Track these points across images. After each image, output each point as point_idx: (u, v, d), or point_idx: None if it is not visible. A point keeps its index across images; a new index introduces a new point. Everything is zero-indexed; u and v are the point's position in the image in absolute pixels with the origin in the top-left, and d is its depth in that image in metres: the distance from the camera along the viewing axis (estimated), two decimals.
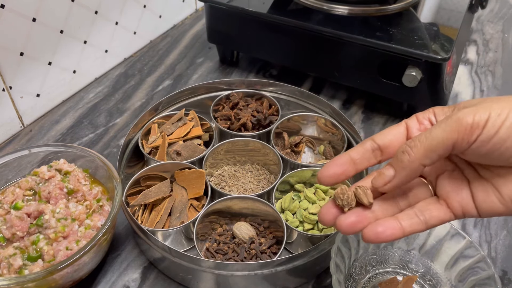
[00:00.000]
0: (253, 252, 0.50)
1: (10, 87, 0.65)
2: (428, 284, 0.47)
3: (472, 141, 0.30)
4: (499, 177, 0.33)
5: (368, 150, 0.36)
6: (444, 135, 0.30)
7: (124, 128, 0.70)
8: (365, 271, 0.49)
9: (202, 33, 0.92)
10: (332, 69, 0.70)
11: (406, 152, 0.32)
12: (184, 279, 0.49)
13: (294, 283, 0.49)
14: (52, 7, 0.66)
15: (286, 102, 0.68)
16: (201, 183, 0.54)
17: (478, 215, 0.34)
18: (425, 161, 0.32)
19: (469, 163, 0.35)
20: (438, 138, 0.31)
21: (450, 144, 0.31)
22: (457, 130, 0.30)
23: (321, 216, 0.36)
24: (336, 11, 0.68)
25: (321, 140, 0.65)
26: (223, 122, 0.64)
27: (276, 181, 0.55)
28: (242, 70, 0.83)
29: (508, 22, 0.97)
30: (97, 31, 0.76)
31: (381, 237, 0.33)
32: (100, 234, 0.44)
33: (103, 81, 0.79)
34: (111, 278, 0.50)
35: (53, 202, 0.48)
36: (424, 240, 0.48)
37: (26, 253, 0.44)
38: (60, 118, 0.72)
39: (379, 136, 0.36)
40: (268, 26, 0.70)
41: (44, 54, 0.68)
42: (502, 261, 0.52)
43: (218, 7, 0.73)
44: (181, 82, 0.80)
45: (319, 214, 0.36)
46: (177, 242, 0.52)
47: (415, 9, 0.71)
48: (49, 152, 0.54)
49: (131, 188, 0.54)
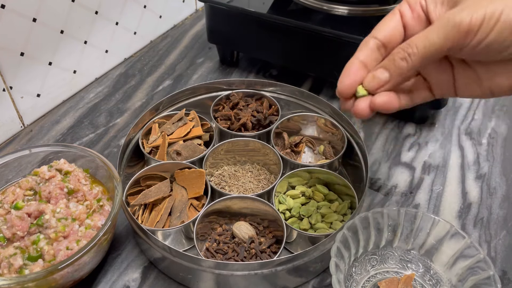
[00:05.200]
0: (253, 251, 0.50)
1: (10, 87, 0.65)
2: (428, 284, 0.47)
3: (466, 44, 0.31)
4: (482, 67, 0.35)
5: (374, 49, 0.37)
6: (441, 42, 0.31)
7: (124, 128, 0.70)
8: (365, 271, 0.49)
9: (202, 33, 0.92)
10: (332, 69, 0.70)
11: (405, 59, 0.33)
12: (184, 278, 0.49)
13: (294, 282, 0.49)
14: (52, 7, 0.66)
15: (286, 102, 0.68)
16: (201, 182, 0.54)
17: (455, 95, 0.37)
18: (421, 66, 0.33)
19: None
20: (435, 45, 0.32)
21: (446, 50, 0.32)
22: (453, 36, 0.31)
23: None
24: (336, 11, 0.68)
25: (321, 140, 0.65)
26: (223, 122, 0.64)
27: (276, 181, 0.55)
28: (242, 70, 0.83)
29: None
30: (98, 31, 0.76)
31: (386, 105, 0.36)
32: (101, 234, 0.44)
33: (103, 81, 0.79)
34: (112, 278, 0.50)
35: (53, 202, 0.48)
36: (424, 240, 0.48)
37: (27, 253, 0.44)
38: (60, 118, 0.72)
39: (379, 32, 0.37)
40: (268, 26, 0.70)
41: (45, 54, 0.68)
42: (502, 261, 0.52)
43: (218, 7, 0.73)
44: (181, 82, 0.80)
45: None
46: (177, 241, 0.52)
47: None
48: (49, 152, 0.54)
49: (131, 188, 0.54)
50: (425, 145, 0.67)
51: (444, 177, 0.62)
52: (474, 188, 0.61)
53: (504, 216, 0.57)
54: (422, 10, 0.36)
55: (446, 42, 0.31)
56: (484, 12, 0.30)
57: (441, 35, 0.31)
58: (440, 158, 0.65)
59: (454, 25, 0.31)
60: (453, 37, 0.31)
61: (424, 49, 0.32)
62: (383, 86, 0.35)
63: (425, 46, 0.32)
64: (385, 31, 0.37)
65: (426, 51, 0.32)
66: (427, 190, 0.60)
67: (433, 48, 0.32)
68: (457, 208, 0.58)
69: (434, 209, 0.58)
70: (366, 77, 0.36)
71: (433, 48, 0.32)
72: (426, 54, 0.32)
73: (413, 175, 0.63)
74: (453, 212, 0.58)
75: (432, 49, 0.32)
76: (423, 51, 0.32)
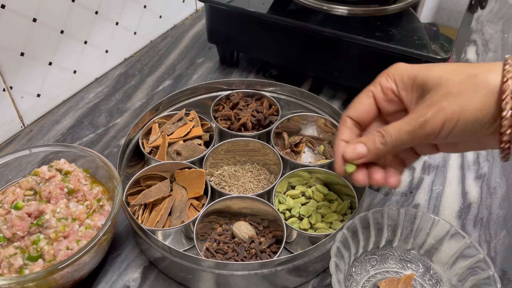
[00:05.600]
0: (253, 251, 0.50)
1: (10, 87, 0.65)
2: (427, 284, 0.48)
3: (432, 140, 0.38)
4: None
5: (352, 127, 0.44)
6: (410, 138, 0.38)
7: (124, 128, 0.70)
8: (365, 271, 0.49)
9: (202, 33, 0.92)
10: (332, 69, 0.70)
11: (382, 144, 0.40)
12: (184, 278, 0.49)
13: (294, 282, 0.49)
14: (52, 7, 0.66)
15: (286, 102, 0.68)
16: (201, 182, 0.54)
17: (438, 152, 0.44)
18: (392, 150, 0.40)
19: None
20: (406, 139, 0.38)
21: (416, 143, 0.39)
22: (419, 135, 0.37)
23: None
24: (336, 11, 0.68)
25: (321, 140, 0.65)
26: (223, 122, 0.64)
27: (276, 181, 0.55)
28: (242, 70, 0.83)
29: (507, 22, 0.97)
30: (98, 31, 0.76)
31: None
32: (101, 234, 0.44)
33: (103, 81, 0.79)
34: (112, 278, 0.50)
35: (53, 202, 0.48)
36: (423, 240, 0.48)
37: (27, 252, 0.44)
38: (60, 118, 0.72)
39: (353, 112, 0.43)
40: (268, 26, 0.70)
41: (45, 54, 0.68)
42: (501, 261, 0.52)
43: (218, 7, 0.73)
44: (181, 82, 0.80)
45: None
46: (177, 241, 0.52)
47: (415, 9, 0.71)
48: (49, 152, 0.54)
49: (131, 188, 0.54)
50: None
51: (444, 177, 0.62)
52: (474, 188, 0.61)
53: (504, 216, 0.57)
54: (394, 95, 0.41)
55: (412, 138, 0.38)
56: (444, 116, 0.35)
57: (410, 132, 0.38)
58: (440, 158, 0.65)
59: (418, 126, 0.37)
60: (418, 135, 0.37)
61: (396, 140, 0.39)
62: (361, 158, 0.41)
63: (397, 139, 0.39)
64: (359, 111, 0.43)
65: (398, 142, 0.39)
66: (427, 190, 0.60)
67: (404, 141, 0.38)
68: (457, 208, 0.58)
69: (434, 209, 0.58)
70: (347, 149, 0.42)
71: (403, 140, 0.38)
72: (398, 143, 0.39)
73: (413, 175, 0.63)
74: (453, 212, 0.58)
75: (403, 141, 0.38)
76: (396, 142, 0.39)
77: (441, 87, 0.36)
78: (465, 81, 0.35)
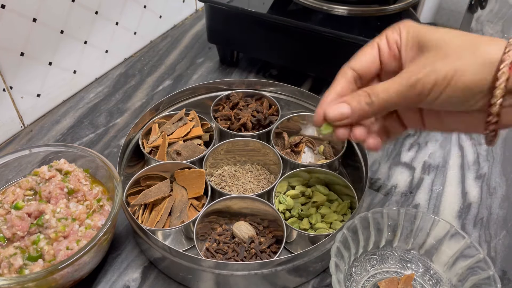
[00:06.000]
0: (253, 251, 0.50)
1: (10, 87, 0.65)
2: (427, 283, 0.48)
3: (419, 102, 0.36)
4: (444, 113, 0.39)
5: (351, 81, 0.40)
6: (397, 98, 0.36)
7: (124, 128, 0.70)
8: (365, 271, 0.49)
9: (202, 33, 0.92)
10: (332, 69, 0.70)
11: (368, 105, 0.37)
12: (184, 278, 0.49)
13: (294, 282, 0.49)
14: (52, 7, 0.66)
15: (286, 102, 0.68)
16: (201, 182, 0.54)
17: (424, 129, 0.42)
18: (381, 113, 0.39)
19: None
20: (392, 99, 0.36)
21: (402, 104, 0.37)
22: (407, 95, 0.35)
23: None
24: (336, 11, 0.68)
25: (321, 140, 0.65)
26: (223, 122, 0.64)
27: (276, 181, 0.55)
28: (242, 70, 0.83)
29: (507, 22, 0.97)
30: (98, 31, 0.76)
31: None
32: (101, 234, 0.44)
33: (103, 81, 0.79)
34: (112, 278, 0.50)
35: (53, 202, 0.48)
36: (423, 240, 0.48)
37: (27, 252, 0.44)
38: (60, 118, 0.72)
39: (357, 63, 0.40)
40: (268, 26, 0.70)
41: (45, 54, 0.68)
42: (501, 261, 0.52)
43: (218, 7, 0.73)
44: (181, 82, 0.80)
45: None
46: (177, 241, 0.52)
47: (415, 9, 0.71)
48: (49, 152, 0.54)
49: (131, 188, 0.54)
50: (425, 145, 0.67)
51: (444, 177, 0.62)
52: (474, 188, 0.61)
53: (504, 216, 0.57)
54: (397, 49, 0.39)
55: (401, 99, 0.36)
56: (435, 77, 0.34)
57: (398, 92, 0.36)
58: (440, 158, 0.65)
59: (409, 85, 0.35)
60: (407, 96, 0.36)
61: (383, 101, 0.37)
62: (343, 120, 0.39)
63: (384, 99, 0.36)
64: (362, 63, 0.40)
65: (385, 103, 0.37)
66: (427, 190, 0.60)
67: (391, 102, 0.36)
68: (457, 208, 0.58)
69: (434, 209, 0.58)
70: (329, 108, 0.39)
71: (391, 101, 0.36)
72: (385, 105, 0.37)
73: (413, 175, 0.63)
74: (453, 212, 0.58)
75: (391, 102, 0.36)
76: (383, 103, 0.37)
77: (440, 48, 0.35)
78: (465, 46, 0.34)
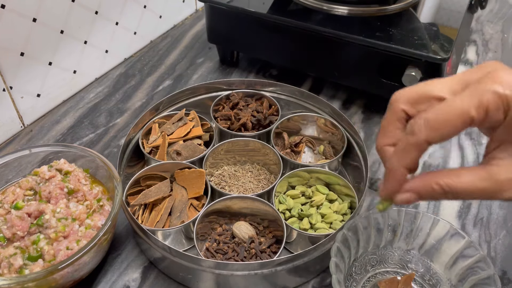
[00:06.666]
0: (253, 251, 0.50)
1: (10, 87, 0.65)
2: (427, 283, 0.47)
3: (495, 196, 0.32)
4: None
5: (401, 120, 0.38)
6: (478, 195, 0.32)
7: (124, 128, 0.70)
8: (365, 271, 0.49)
9: (202, 33, 0.92)
10: (332, 69, 0.70)
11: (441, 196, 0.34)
12: (184, 278, 0.49)
13: (294, 282, 0.49)
14: (52, 7, 0.66)
15: (286, 102, 0.68)
16: (201, 182, 0.54)
17: None
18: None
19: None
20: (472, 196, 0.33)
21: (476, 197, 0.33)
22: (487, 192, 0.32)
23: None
24: (336, 11, 0.68)
25: (321, 140, 0.65)
26: (223, 122, 0.64)
27: (276, 181, 0.55)
28: (242, 70, 0.83)
29: (507, 22, 0.97)
30: (97, 31, 0.76)
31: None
32: (101, 234, 0.44)
33: (103, 81, 0.79)
34: (112, 278, 0.50)
35: (53, 202, 0.48)
36: (423, 240, 0.48)
37: (27, 252, 0.44)
38: (60, 118, 0.72)
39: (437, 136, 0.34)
40: (268, 26, 0.70)
41: (45, 54, 0.68)
42: (501, 261, 0.52)
43: (218, 7, 0.73)
44: (181, 82, 0.80)
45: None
46: (177, 241, 0.52)
47: (415, 9, 0.71)
48: (49, 152, 0.54)
49: (131, 188, 0.54)
50: None
51: None
52: None
53: (504, 216, 0.57)
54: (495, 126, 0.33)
55: (479, 195, 0.32)
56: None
57: (479, 189, 0.32)
58: (440, 158, 0.65)
59: (497, 188, 0.32)
60: (487, 191, 0.32)
61: (460, 196, 0.33)
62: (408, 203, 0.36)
63: (463, 195, 0.33)
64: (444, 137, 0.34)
65: (461, 196, 0.33)
66: None
67: (470, 197, 0.33)
68: (457, 208, 0.58)
69: (434, 209, 0.58)
70: (398, 196, 0.36)
71: (470, 197, 0.33)
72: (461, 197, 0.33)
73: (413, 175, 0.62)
74: (453, 212, 0.58)
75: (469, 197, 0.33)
76: (459, 197, 0.33)
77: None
78: None
